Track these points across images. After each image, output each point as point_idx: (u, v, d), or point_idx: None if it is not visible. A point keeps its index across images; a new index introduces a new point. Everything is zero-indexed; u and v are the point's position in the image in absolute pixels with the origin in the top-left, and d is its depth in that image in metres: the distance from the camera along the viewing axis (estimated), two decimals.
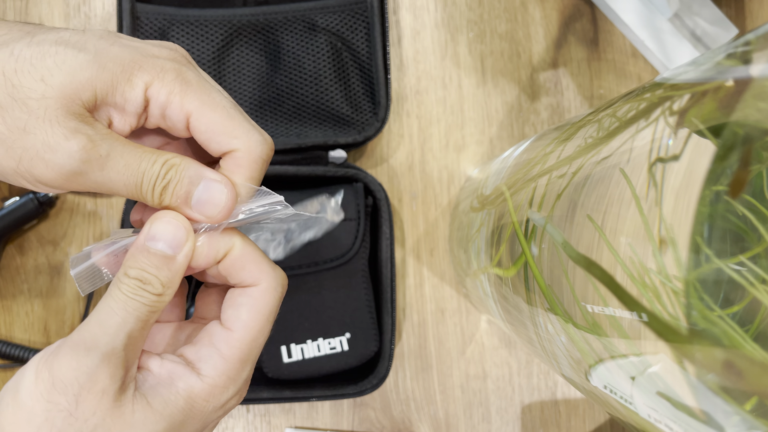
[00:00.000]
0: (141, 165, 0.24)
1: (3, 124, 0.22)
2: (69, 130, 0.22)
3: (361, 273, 0.49)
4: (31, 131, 0.22)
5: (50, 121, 0.22)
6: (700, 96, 0.21)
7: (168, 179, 0.24)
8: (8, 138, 0.22)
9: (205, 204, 0.25)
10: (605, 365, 0.25)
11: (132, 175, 0.24)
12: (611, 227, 0.23)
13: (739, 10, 0.55)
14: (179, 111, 0.24)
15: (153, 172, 0.24)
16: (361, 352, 0.48)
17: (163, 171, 0.24)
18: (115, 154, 0.23)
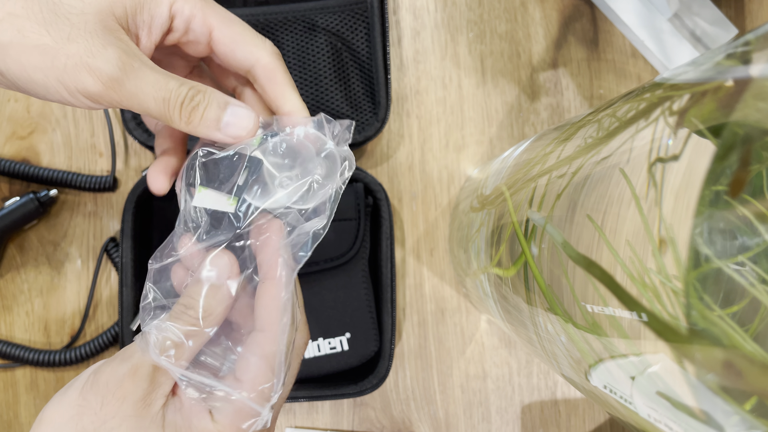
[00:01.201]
0: (169, 83, 0.26)
1: (48, 36, 0.24)
2: (106, 41, 0.25)
3: (361, 273, 0.49)
4: (74, 40, 0.24)
5: (90, 32, 0.24)
6: (699, 96, 0.21)
7: (197, 101, 0.26)
8: (53, 47, 0.24)
9: (233, 126, 0.27)
10: (605, 365, 0.25)
11: (161, 90, 0.25)
12: (611, 227, 0.23)
13: (739, 10, 0.55)
14: (202, 24, 0.27)
15: (181, 92, 0.26)
16: (361, 351, 0.48)
17: (191, 93, 0.26)
18: (146, 69, 0.25)
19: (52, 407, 0.25)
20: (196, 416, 0.26)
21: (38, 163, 0.51)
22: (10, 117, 0.51)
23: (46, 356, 0.49)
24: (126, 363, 0.25)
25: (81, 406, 0.24)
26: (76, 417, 0.24)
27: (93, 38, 0.24)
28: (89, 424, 0.24)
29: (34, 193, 0.49)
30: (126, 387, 0.24)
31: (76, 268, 0.51)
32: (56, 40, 0.24)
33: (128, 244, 0.46)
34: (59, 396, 0.25)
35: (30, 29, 0.24)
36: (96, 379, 0.25)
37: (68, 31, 0.24)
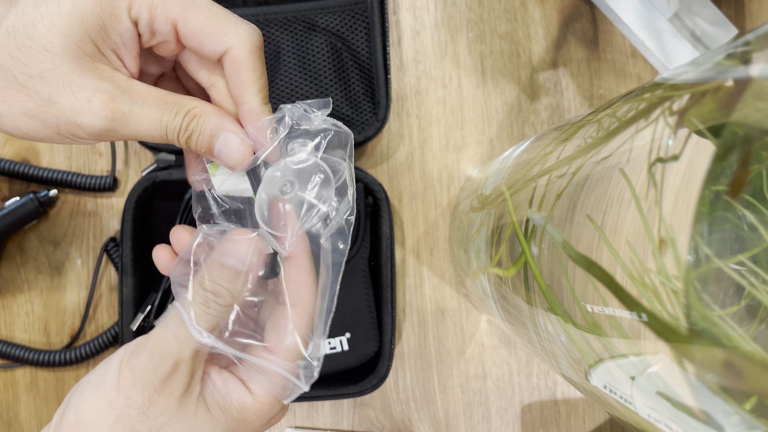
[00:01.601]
0: (163, 118, 0.25)
1: (30, 101, 0.24)
2: (90, 91, 0.24)
3: (361, 273, 0.49)
4: (56, 101, 0.24)
5: (70, 86, 0.24)
6: (699, 96, 0.21)
7: (191, 130, 0.26)
8: (40, 113, 0.24)
9: (226, 156, 0.27)
10: (605, 365, 0.25)
11: (156, 129, 0.25)
12: (611, 227, 0.23)
13: (739, 10, 0.55)
14: (165, 21, 0.25)
15: (175, 124, 0.25)
16: (361, 351, 0.48)
17: (185, 123, 0.26)
18: (136, 110, 0.25)
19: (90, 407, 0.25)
20: (234, 391, 0.26)
21: (38, 163, 0.51)
22: None
23: (46, 356, 0.49)
24: (166, 361, 0.25)
25: (126, 406, 0.24)
26: (123, 417, 0.24)
27: (74, 92, 0.24)
28: (139, 423, 0.24)
29: (34, 193, 0.49)
30: (171, 384, 0.25)
31: (76, 268, 0.51)
32: (39, 103, 0.24)
33: (128, 244, 0.46)
34: (94, 394, 0.25)
35: (12, 97, 0.24)
36: (135, 377, 0.25)
37: (47, 91, 0.24)
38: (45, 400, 0.50)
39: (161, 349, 0.25)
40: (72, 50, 0.23)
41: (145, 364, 0.25)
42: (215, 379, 0.27)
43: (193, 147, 0.27)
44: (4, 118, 0.24)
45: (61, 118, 0.24)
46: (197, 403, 0.25)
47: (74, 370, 0.51)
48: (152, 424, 0.24)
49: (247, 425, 0.26)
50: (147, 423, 0.24)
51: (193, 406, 0.25)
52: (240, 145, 0.26)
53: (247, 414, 0.26)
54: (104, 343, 0.49)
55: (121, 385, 0.24)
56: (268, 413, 0.27)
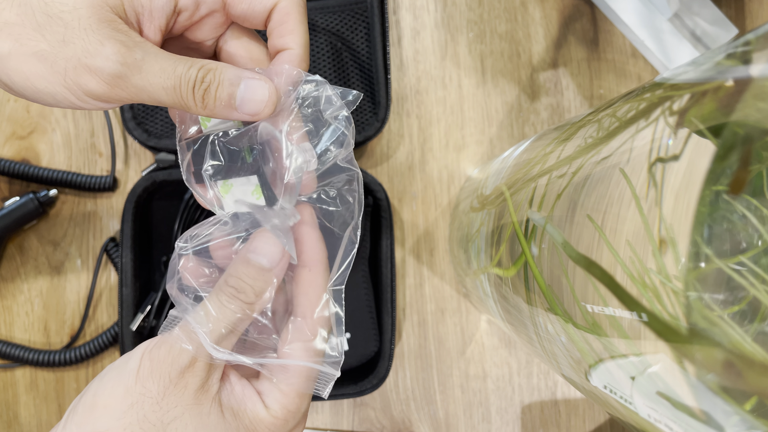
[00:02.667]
0: (177, 68, 0.24)
1: (44, 41, 0.23)
2: (103, 36, 0.23)
3: (361, 273, 0.49)
4: (69, 41, 0.23)
5: (85, 30, 0.23)
6: (700, 96, 0.21)
7: (208, 82, 0.25)
8: (50, 53, 0.23)
9: (249, 102, 0.25)
10: (605, 365, 0.25)
11: (169, 78, 0.24)
12: (611, 227, 0.23)
13: (739, 10, 0.55)
14: None
15: (190, 75, 0.24)
16: (361, 351, 0.48)
17: (201, 74, 0.25)
18: (149, 58, 0.24)
19: (108, 391, 0.25)
20: (249, 400, 0.26)
21: (38, 163, 0.51)
22: (9, 117, 0.51)
23: (46, 356, 0.49)
24: (185, 354, 0.25)
25: (141, 394, 0.24)
26: (137, 405, 0.24)
27: (88, 35, 0.23)
28: (151, 413, 0.24)
29: (34, 193, 0.49)
30: (187, 377, 0.25)
31: (75, 268, 0.51)
32: (52, 44, 0.23)
33: (128, 244, 0.46)
34: (114, 379, 0.25)
35: (26, 36, 0.23)
36: (154, 367, 0.25)
37: (62, 32, 0.23)
38: (45, 400, 0.50)
39: (182, 342, 0.25)
40: None
41: (164, 356, 0.25)
42: (234, 384, 0.26)
43: (210, 102, 0.25)
44: (13, 58, 0.24)
45: (70, 60, 0.23)
46: (212, 402, 0.25)
47: (74, 370, 0.51)
48: (164, 416, 0.24)
49: None
50: (159, 414, 0.24)
51: (207, 404, 0.25)
52: (265, 87, 0.25)
53: (258, 426, 0.26)
54: (104, 343, 0.49)
55: (140, 374, 0.25)
56: (282, 428, 0.27)
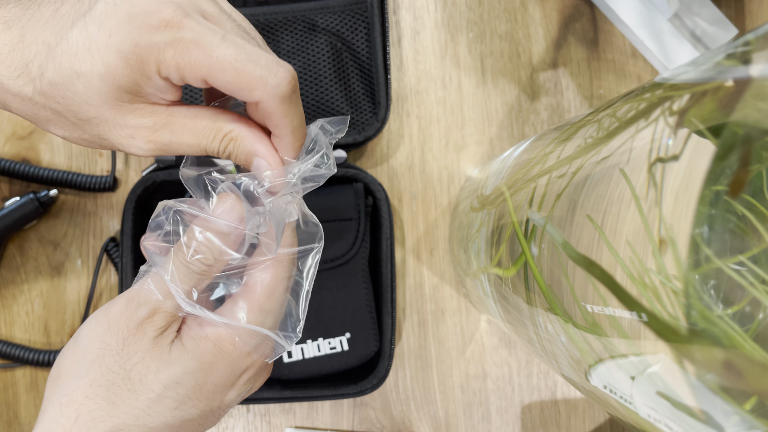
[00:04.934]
0: (201, 143, 0.27)
1: (87, 134, 0.27)
2: (133, 129, 0.26)
3: (361, 273, 0.49)
4: (105, 137, 0.26)
5: (114, 127, 0.26)
6: (699, 96, 0.21)
7: (228, 152, 0.28)
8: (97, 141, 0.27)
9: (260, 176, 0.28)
10: (605, 365, 0.25)
11: (196, 150, 0.27)
12: (611, 227, 0.23)
13: (739, 10, 0.55)
14: (194, 79, 0.26)
15: (213, 147, 0.27)
16: (361, 351, 0.48)
17: (222, 146, 0.27)
18: (176, 140, 0.27)
19: (68, 358, 0.26)
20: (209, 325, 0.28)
21: (38, 163, 0.51)
22: (10, 117, 0.51)
23: (46, 356, 0.49)
24: (144, 307, 0.26)
25: (101, 349, 0.26)
26: (97, 360, 0.26)
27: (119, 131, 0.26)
28: (113, 363, 0.25)
29: (34, 193, 0.49)
30: (145, 327, 0.26)
31: (76, 268, 0.51)
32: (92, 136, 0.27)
33: (128, 244, 0.46)
34: (71, 347, 0.26)
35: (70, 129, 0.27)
36: (110, 322, 0.26)
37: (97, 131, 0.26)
38: None
39: (139, 299, 0.26)
40: (110, 102, 0.25)
41: (120, 310, 0.26)
42: (189, 322, 0.28)
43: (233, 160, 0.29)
44: (69, 139, 0.28)
45: (114, 146, 0.27)
46: (172, 343, 0.27)
47: None
48: (126, 363, 0.26)
49: (224, 355, 0.27)
50: (121, 362, 0.25)
51: (167, 344, 0.26)
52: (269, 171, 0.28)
53: (223, 344, 0.27)
54: None
55: (95, 332, 0.26)
56: (248, 341, 0.28)
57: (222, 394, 0.28)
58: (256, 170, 0.28)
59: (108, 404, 0.25)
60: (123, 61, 0.24)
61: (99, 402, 0.25)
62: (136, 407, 0.26)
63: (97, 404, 0.25)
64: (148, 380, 0.26)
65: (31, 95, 0.25)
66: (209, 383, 0.27)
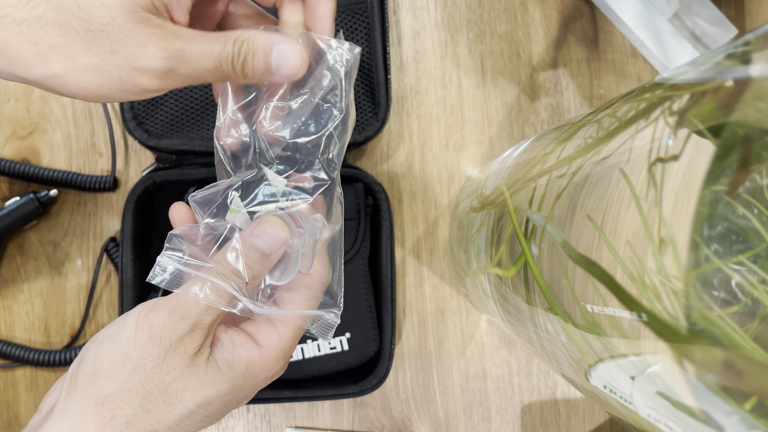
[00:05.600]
0: (215, 48, 0.27)
1: (94, 55, 0.26)
2: (145, 37, 0.26)
3: (361, 273, 0.49)
4: (117, 50, 0.26)
5: (127, 36, 0.26)
6: (699, 96, 0.21)
7: (244, 53, 0.27)
8: (103, 64, 0.26)
9: (284, 67, 0.28)
10: (605, 365, 0.25)
11: (210, 60, 0.27)
12: (611, 227, 0.23)
13: (739, 10, 0.55)
14: None
15: (227, 51, 0.27)
16: (361, 351, 0.48)
17: (236, 48, 0.27)
18: (189, 47, 0.26)
19: (107, 358, 0.26)
20: (242, 346, 0.28)
21: (38, 163, 0.51)
22: (10, 117, 0.51)
23: (47, 356, 0.49)
24: (185, 321, 0.27)
25: (142, 358, 0.26)
26: (138, 369, 0.26)
27: (131, 40, 0.26)
28: (153, 374, 0.26)
29: (34, 193, 0.49)
30: (186, 342, 0.27)
31: (76, 268, 0.51)
32: (101, 56, 0.26)
33: (128, 243, 0.47)
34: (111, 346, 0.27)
35: (76, 54, 0.26)
36: (153, 332, 0.26)
37: (108, 43, 0.26)
38: None
39: (181, 310, 0.27)
40: (126, 3, 0.25)
41: (163, 321, 0.26)
42: (223, 339, 0.28)
43: (249, 72, 0.28)
44: (69, 75, 0.26)
45: (122, 67, 0.26)
46: (207, 362, 0.27)
47: None
48: (165, 377, 0.26)
49: (252, 378, 0.28)
50: (160, 375, 0.26)
51: (203, 364, 0.27)
52: (296, 51, 0.28)
53: (253, 368, 0.28)
54: None
55: (137, 339, 0.26)
56: (274, 367, 0.29)
57: (238, 405, 0.30)
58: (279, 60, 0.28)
59: (143, 411, 0.26)
60: None
61: (134, 408, 0.26)
62: (168, 419, 0.27)
63: (132, 410, 0.26)
64: (184, 397, 0.27)
65: (42, 14, 0.25)
66: (233, 401, 0.29)
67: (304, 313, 0.29)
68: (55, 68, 0.26)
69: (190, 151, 0.48)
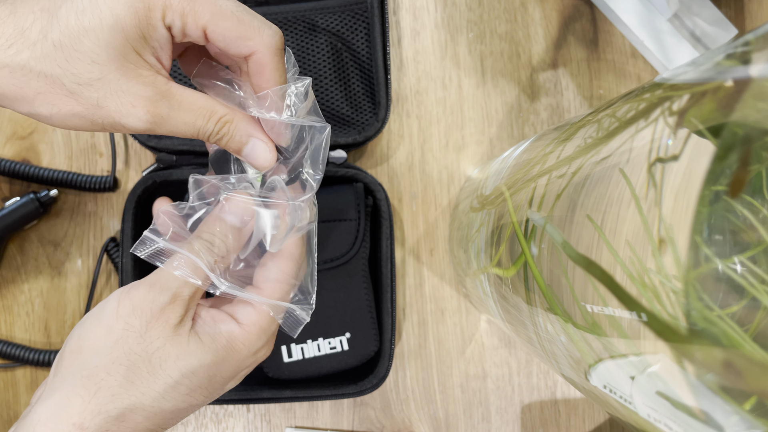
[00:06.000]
0: (197, 122, 0.28)
1: (80, 106, 0.27)
2: (134, 97, 0.27)
3: (361, 273, 0.49)
4: (103, 105, 0.27)
5: (116, 93, 0.26)
6: (699, 96, 0.21)
7: (221, 134, 0.29)
8: (89, 114, 0.27)
9: (253, 159, 0.30)
10: (605, 365, 0.25)
11: (190, 130, 0.28)
12: (611, 227, 0.23)
13: (739, 10, 0.55)
14: (195, 28, 0.27)
15: (208, 128, 0.29)
16: (361, 351, 0.48)
17: (217, 128, 0.29)
18: (173, 114, 0.28)
19: (91, 333, 0.27)
20: (222, 322, 0.29)
21: (38, 163, 0.51)
22: (10, 117, 0.51)
23: (47, 356, 0.49)
24: (165, 293, 0.28)
25: (125, 330, 0.27)
26: (121, 340, 0.27)
27: (120, 99, 0.27)
28: (136, 345, 0.27)
29: (35, 193, 0.49)
30: (167, 313, 0.27)
31: (76, 268, 0.51)
32: (87, 107, 0.27)
33: (129, 244, 0.47)
34: (94, 323, 0.28)
35: (61, 102, 0.27)
36: (134, 305, 0.27)
37: (96, 97, 0.26)
38: None
39: (161, 283, 0.28)
40: (117, 60, 0.26)
41: (144, 294, 0.27)
42: (204, 316, 0.29)
43: (222, 146, 0.30)
44: (54, 118, 0.27)
45: (107, 119, 0.27)
46: (189, 333, 0.28)
47: None
48: (148, 347, 0.27)
49: (235, 353, 0.29)
50: (143, 345, 0.27)
51: (185, 335, 0.28)
52: (267, 153, 0.30)
53: (235, 342, 0.29)
54: None
55: (120, 313, 0.27)
56: (256, 342, 0.30)
57: (224, 384, 0.30)
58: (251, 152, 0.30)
59: (127, 383, 0.27)
60: (132, 10, 0.25)
61: (119, 380, 0.26)
62: (153, 389, 0.27)
63: (117, 381, 0.26)
64: (167, 366, 0.27)
65: (26, 62, 0.25)
66: (218, 376, 0.29)
67: (273, 302, 0.30)
68: (40, 110, 0.27)
69: (190, 151, 0.48)
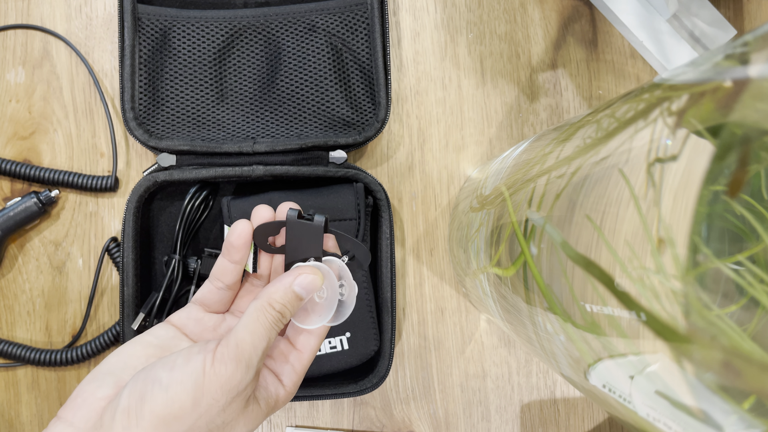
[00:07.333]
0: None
1: None
2: None
3: (361, 273, 0.49)
4: None
5: None
6: (698, 96, 0.21)
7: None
8: None
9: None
10: (604, 364, 0.25)
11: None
12: (610, 227, 0.23)
13: (738, 11, 0.55)
14: None
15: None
16: (361, 351, 0.48)
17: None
18: None
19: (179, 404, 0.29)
20: (272, 385, 0.33)
21: (40, 164, 0.51)
22: (11, 117, 0.51)
23: (48, 356, 0.49)
24: (250, 371, 0.30)
25: (210, 405, 0.29)
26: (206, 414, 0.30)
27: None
28: (217, 417, 0.30)
29: (36, 194, 0.49)
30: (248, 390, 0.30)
31: (77, 268, 0.51)
32: None
33: (129, 244, 0.47)
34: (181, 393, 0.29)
35: None
36: (222, 383, 0.30)
37: None
38: (46, 400, 0.51)
39: (245, 360, 0.30)
40: None
41: (231, 373, 0.29)
42: (263, 384, 0.33)
43: None
44: None
45: None
46: (253, 402, 0.31)
47: (76, 369, 0.51)
48: (226, 418, 0.30)
49: (273, 411, 0.33)
50: (222, 416, 0.30)
51: (252, 404, 0.31)
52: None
53: (279, 403, 0.33)
54: (105, 343, 0.49)
55: (207, 388, 0.29)
56: (287, 401, 0.34)
57: None
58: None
59: None
60: None
61: None
62: None
63: None
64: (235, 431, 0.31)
65: None
66: None
67: None
68: None
69: (191, 152, 0.48)
